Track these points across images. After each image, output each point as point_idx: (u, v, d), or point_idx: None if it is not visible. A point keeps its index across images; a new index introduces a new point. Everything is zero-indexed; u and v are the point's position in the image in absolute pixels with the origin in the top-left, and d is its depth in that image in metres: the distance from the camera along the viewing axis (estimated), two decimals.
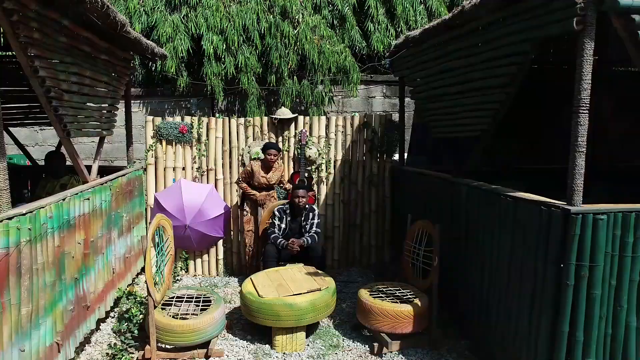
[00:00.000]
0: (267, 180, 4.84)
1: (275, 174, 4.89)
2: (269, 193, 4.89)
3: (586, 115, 2.54)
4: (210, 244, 5.21)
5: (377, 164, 5.40)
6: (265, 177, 4.83)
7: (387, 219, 5.46)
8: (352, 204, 5.42)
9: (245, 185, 4.89)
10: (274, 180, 4.87)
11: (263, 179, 4.82)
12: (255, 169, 4.86)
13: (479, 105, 3.75)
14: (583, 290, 2.51)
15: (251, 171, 4.86)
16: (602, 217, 2.47)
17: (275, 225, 4.48)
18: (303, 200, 4.43)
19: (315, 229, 4.48)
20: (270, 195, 4.90)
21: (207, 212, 4.94)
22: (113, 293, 4.03)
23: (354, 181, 5.41)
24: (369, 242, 5.49)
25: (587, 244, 2.49)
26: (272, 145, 4.81)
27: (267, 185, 4.86)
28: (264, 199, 4.84)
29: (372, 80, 7.43)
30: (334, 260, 5.44)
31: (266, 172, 4.86)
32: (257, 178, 4.82)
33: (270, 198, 4.90)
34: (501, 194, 3.23)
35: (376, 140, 5.36)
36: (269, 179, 4.84)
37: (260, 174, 4.84)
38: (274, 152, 4.78)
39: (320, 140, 5.30)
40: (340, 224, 5.41)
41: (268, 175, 4.85)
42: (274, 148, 4.80)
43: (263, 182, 4.82)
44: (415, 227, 4.07)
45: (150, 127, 5.09)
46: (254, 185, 4.86)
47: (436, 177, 4.37)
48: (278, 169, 4.94)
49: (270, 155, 4.78)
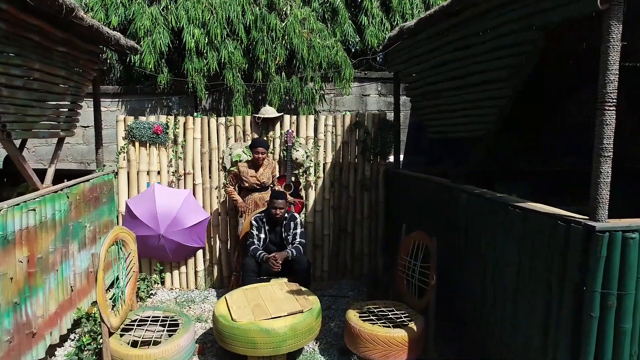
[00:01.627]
0: (257, 180, 4.41)
1: (266, 171, 4.47)
2: (262, 196, 4.45)
3: (613, 112, 2.12)
4: (188, 254, 4.78)
5: (370, 167, 4.97)
6: (255, 175, 4.41)
7: (380, 225, 5.03)
8: (342, 209, 5.00)
9: (231, 189, 4.46)
10: (265, 178, 4.44)
11: (253, 179, 4.40)
12: (242, 169, 4.44)
13: (482, 102, 3.34)
14: (610, 323, 2.09)
15: (237, 173, 4.43)
16: (634, 235, 2.05)
17: (254, 236, 4.05)
18: (280, 211, 3.99)
19: (299, 240, 4.06)
20: (265, 200, 4.45)
21: (184, 220, 4.51)
22: (71, 314, 3.60)
23: (345, 185, 4.98)
24: (361, 250, 5.06)
25: (615, 267, 2.06)
26: (260, 143, 4.39)
27: (260, 185, 4.43)
28: (255, 207, 4.40)
29: (366, 77, 7.00)
30: (323, 271, 5.01)
31: (255, 171, 4.44)
32: (247, 179, 4.40)
33: (264, 203, 4.43)
34: (508, 204, 2.81)
35: (369, 141, 4.93)
36: (259, 178, 4.42)
37: (249, 174, 4.42)
38: (261, 150, 4.35)
39: (308, 141, 4.88)
40: (330, 231, 4.99)
41: (258, 174, 4.42)
42: (262, 145, 4.38)
43: (254, 182, 4.41)
44: (410, 239, 3.64)
45: (121, 127, 4.65)
46: (246, 188, 4.43)
47: (433, 182, 3.94)
48: (269, 166, 4.52)
49: (258, 154, 4.36)
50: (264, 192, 4.48)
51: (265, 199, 4.46)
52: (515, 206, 2.72)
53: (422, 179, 4.18)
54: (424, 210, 4.06)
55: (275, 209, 3.99)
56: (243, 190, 4.48)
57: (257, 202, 4.43)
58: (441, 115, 3.97)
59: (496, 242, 2.93)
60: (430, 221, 3.87)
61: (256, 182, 4.41)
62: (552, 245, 2.32)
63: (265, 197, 4.46)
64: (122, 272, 3.34)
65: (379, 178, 4.99)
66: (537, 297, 2.43)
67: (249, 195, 4.45)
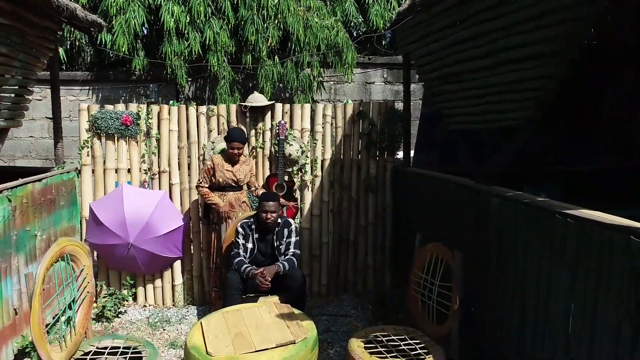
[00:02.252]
0: (233, 175, 3.74)
1: (242, 167, 3.79)
2: (237, 196, 3.78)
3: None
4: (164, 266, 4.11)
5: (375, 164, 4.30)
6: (231, 170, 3.74)
7: (388, 232, 4.37)
8: (344, 214, 4.33)
9: (207, 190, 3.78)
10: (241, 175, 3.77)
11: (228, 173, 3.73)
12: (217, 161, 3.76)
13: (519, 84, 2.70)
14: None
15: (212, 166, 3.75)
16: None
17: (240, 246, 3.38)
18: (272, 216, 3.33)
19: (294, 251, 3.39)
20: (240, 200, 3.80)
21: (157, 226, 3.84)
22: (14, 343, 2.94)
23: (347, 186, 4.30)
24: (365, 261, 4.39)
25: None
26: (236, 136, 3.70)
27: (235, 183, 3.76)
28: (231, 208, 3.73)
29: (370, 63, 6.30)
30: (321, 286, 4.35)
31: (232, 165, 3.77)
32: (221, 173, 3.72)
33: (240, 204, 3.79)
34: (555, 211, 2.15)
35: (374, 135, 4.25)
36: (235, 174, 3.75)
37: (225, 167, 3.74)
38: (237, 146, 3.67)
39: (304, 134, 4.20)
40: (329, 239, 4.32)
41: (234, 169, 3.76)
42: (239, 140, 3.69)
43: (229, 178, 3.73)
44: (427, 252, 2.98)
45: (84, 117, 3.96)
46: (220, 185, 3.76)
47: (453, 184, 3.26)
48: (246, 162, 3.85)
49: (234, 149, 3.68)
50: (240, 191, 3.81)
51: (242, 200, 3.80)
52: (566, 214, 2.06)
53: (439, 180, 3.50)
54: (443, 217, 3.38)
55: (266, 213, 3.32)
56: (215, 189, 3.80)
57: (233, 204, 3.76)
58: (464, 103, 3.30)
59: (540, 262, 2.27)
60: (451, 231, 3.20)
61: (232, 178, 3.74)
62: (622, 269, 1.67)
63: (241, 197, 3.80)
64: (72, 293, 2.69)
65: (386, 177, 4.31)
66: (601, 342, 1.77)
67: (223, 195, 3.78)
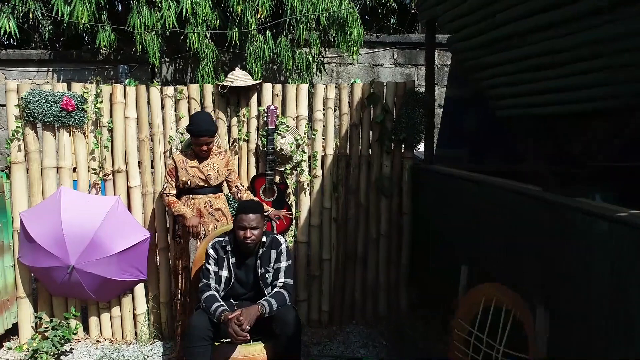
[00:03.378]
0: (199, 172, 2.84)
1: (214, 161, 2.89)
2: (208, 200, 2.88)
3: None
4: (122, 291, 3.22)
5: (390, 161, 3.40)
6: (197, 167, 2.85)
7: (405, 246, 3.47)
8: (350, 223, 3.43)
9: (172, 199, 2.89)
10: (211, 170, 2.86)
11: (193, 170, 2.84)
12: (178, 158, 2.87)
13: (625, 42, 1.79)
14: None
15: (174, 166, 2.87)
16: None
17: (210, 274, 2.50)
18: (254, 234, 2.44)
19: (284, 281, 2.51)
20: (213, 207, 2.90)
21: (108, 243, 2.95)
22: None
23: (354, 188, 3.40)
24: (377, 282, 3.51)
25: None
26: (202, 127, 2.79)
27: (205, 182, 2.86)
28: (200, 218, 2.84)
29: (378, 42, 5.36)
30: (322, 313, 3.46)
31: (199, 161, 2.87)
32: (184, 171, 2.83)
33: (212, 211, 2.89)
34: None
35: (389, 124, 3.35)
36: (202, 169, 2.85)
37: (188, 164, 2.85)
38: (205, 140, 2.78)
39: (300, 123, 3.29)
40: (331, 255, 3.43)
41: (201, 165, 2.86)
42: (206, 133, 2.79)
43: (195, 176, 2.84)
44: (479, 295, 2.08)
45: (12, 99, 3.04)
46: (187, 187, 2.87)
47: (512, 191, 2.33)
48: (219, 154, 2.95)
49: (201, 145, 2.80)
50: (213, 194, 2.91)
51: (216, 206, 2.90)
52: None
53: (484, 185, 2.57)
54: (496, 241, 2.45)
55: (245, 230, 2.43)
56: (185, 193, 2.91)
57: (202, 210, 2.87)
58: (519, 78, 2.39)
59: None
60: (513, 263, 2.27)
61: (199, 176, 2.84)
62: None
63: (215, 202, 2.90)
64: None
65: (404, 178, 3.41)
66: None
67: (190, 199, 2.89)
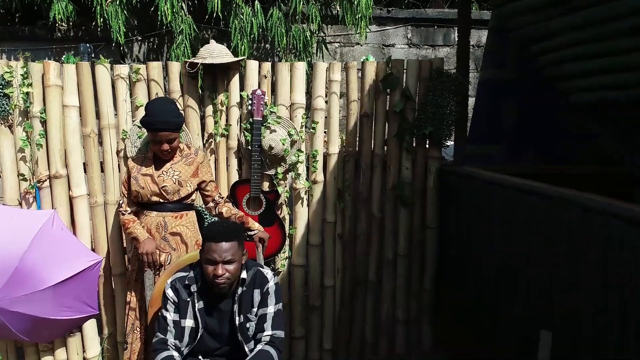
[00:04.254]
0: (153, 183, 2.08)
1: (175, 168, 2.12)
2: (163, 221, 2.12)
3: None
4: (66, 330, 2.49)
5: (411, 162, 2.66)
6: (151, 175, 2.09)
7: (429, 268, 2.75)
8: (360, 242, 2.69)
9: (128, 218, 2.14)
10: (169, 182, 2.08)
11: (145, 180, 2.08)
12: (132, 164, 2.13)
13: None
14: None
15: (127, 172, 2.12)
16: None
17: (168, 325, 1.77)
18: (227, 270, 1.70)
19: (272, 334, 1.78)
20: (168, 229, 2.12)
21: (39, 273, 2.21)
22: None
23: (365, 197, 2.66)
24: (393, 314, 2.78)
25: None
26: (160, 113, 2.02)
27: (161, 198, 2.10)
28: (152, 232, 2.10)
29: (389, 18, 4.56)
30: (323, 352, 2.74)
31: (157, 167, 2.11)
32: (135, 182, 2.08)
33: (165, 235, 2.13)
34: None
35: (410, 114, 2.60)
36: (158, 181, 2.08)
37: (142, 171, 2.09)
38: (165, 136, 2.02)
39: (296, 113, 2.54)
40: (335, 281, 2.70)
41: (157, 174, 2.09)
42: (163, 123, 2.02)
43: (149, 190, 2.08)
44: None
45: None
46: (142, 201, 2.13)
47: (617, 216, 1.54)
48: (186, 158, 2.16)
49: (160, 143, 2.04)
50: (172, 213, 2.13)
51: (172, 229, 2.12)
52: None
53: (567, 203, 1.75)
54: (584, 292, 1.68)
55: (215, 267, 1.69)
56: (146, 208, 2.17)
57: (154, 233, 2.11)
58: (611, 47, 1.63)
59: None
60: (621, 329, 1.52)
61: (151, 189, 2.08)
62: None
63: (172, 224, 2.12)
64: None
65: (429, 184, 2.67)
66: None
67: (144, 216, 2.14)
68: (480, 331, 2.31)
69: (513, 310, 1.98)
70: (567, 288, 1.69)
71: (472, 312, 2.41)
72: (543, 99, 2.78)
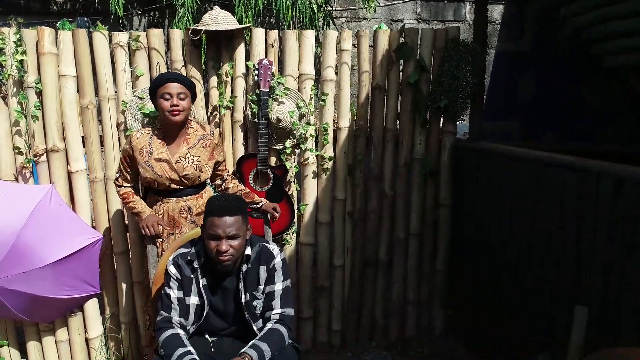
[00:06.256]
0: (172, 171, 1.94)
1: (193, 152, 1.98)
2: (188, 205, 2.02)
3: None
4: (66, 310, 2.41)
5: (425, 137, 2.54)
6: (168, 161, 1.94)
7: (442, 248, 2.65)
8: (370, 220, 2.59)
9: (126, 191, 2.03)
10: (189, 169, 1.95)
11: (161, 167, 1.94)
12: (137, 143, 1.97)
13: None
14: None
15: (130, 152, 1.98)
16: None
17: (172, 303, 1.68)
18: (231, 246, 1.60)
19: (282, 312, 1.69)
20: (195, 213, 2.01)
21: (37, 250, 2.12)
22: None
23: (376, 173, 2.55)
24: (404, 295, 2.69)
25: None
26: (168, 74, 1.95)
27: (181, 185, 1.98)
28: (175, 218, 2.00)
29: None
30: (332, 334, 2.66)
31: (170, 144, 1.98)
32: (148, 169, 1.94)
33: (193, 217, 2.03)
34: None
35: (425, 86, 2.47)
36: (177, 168, 1.95)
37: (154, 155, 1.95)
38: (173, 89, 1.88)
39: (304, 84, 2.41)
40: (345, 261, 2.60)
41: (174, 159, 1.95)
42: (173, 77, 1.91)
43: (168, 178, 1.94)
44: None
45: None
46: (152, 186, 2.01)
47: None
48: (204, 137, 2.02)
49: (171, 98, 1.89)
50: (192, 196, 2.02)
51: (198, 210, 2.01)
52: None
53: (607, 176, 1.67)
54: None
55: (218, 242, 1.59)
56: (149, 192, 2.07)
57: (176, 219, 2.01)
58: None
59: None
60: None
61: (170, 177, 1.94)
62: None
63: (195, 205, 2.01)
64: None
65: (443, 160, 2.55)
66: None
67: (158, 202, 2.03)
68: (498, 314, 2.22)
69: (538, 291, 1.88)
70: (601, 267, 1.59)
71: (489, 294, 2.31)
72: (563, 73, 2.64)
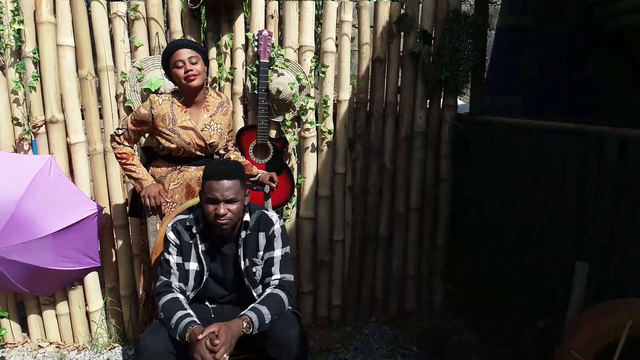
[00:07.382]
0: (199, 138, 1.94)
1: (216, 120, 1.99)
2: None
3: None
4: (66, 282, 2.42)
5: (425, 111, 2.52)
6: (194, 129, 1.93)
7: (442, 223, 2.65)
8: (370, 194, 2.59)
9: (128, 151, 2.01)
10: (215, 137, 1.97)
11: (188, 134, 1.93)
12: (164, 108, 1.93)
13: None
14: None
15: (150, 117, 1.95)
16: None
17: (171, 268, 1.68)
18: (230, 210, 1.60)
19: (281, 277, 1.69)
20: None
21: (37, 220, 2.12)
22: None
23: (377, 147, 2.54)
24: (404, 270, 2.70)
25: None
26: (178, 42, 1.93)
27: (204, 152, 2.00)
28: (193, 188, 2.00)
29: None
30: (332, 308, 2.67)
31: (195, 118, 1.97)
32: (174, 136, 1.92)
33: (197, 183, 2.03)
34: None
35: (426, 58, 2.46)
36: (204, 136, 1.95)
37: (181, 119, 1.93)
38: (186, 55, 1.87)
39: (305, 56, 2.39)
40: (345, 235, 2.61)
41: (199, 127, 1.95)
42: (184, 43, 1.91)
43: (195, 145, 1.95)
44: (618, 316, 1.24)
45: None
46: (172, 154, 1.98)
47: None
48: (222, 106, 2.03)
49: (184, 65, 1.87)
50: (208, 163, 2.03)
51: None
52: None
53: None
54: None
55: (217, 206, 1.59)
56: (159, 160, 2.05)
57: (194, 187, 2.01)
58: None
59: None
60: None
61: (197, 143, 1.95)
62: None
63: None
64: None
65: (443, 134, 2.54)
66: None
67: (175, 170, 2.01)
68: (499, 290, 2.22)
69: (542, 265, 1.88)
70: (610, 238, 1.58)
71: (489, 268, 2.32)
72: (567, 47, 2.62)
